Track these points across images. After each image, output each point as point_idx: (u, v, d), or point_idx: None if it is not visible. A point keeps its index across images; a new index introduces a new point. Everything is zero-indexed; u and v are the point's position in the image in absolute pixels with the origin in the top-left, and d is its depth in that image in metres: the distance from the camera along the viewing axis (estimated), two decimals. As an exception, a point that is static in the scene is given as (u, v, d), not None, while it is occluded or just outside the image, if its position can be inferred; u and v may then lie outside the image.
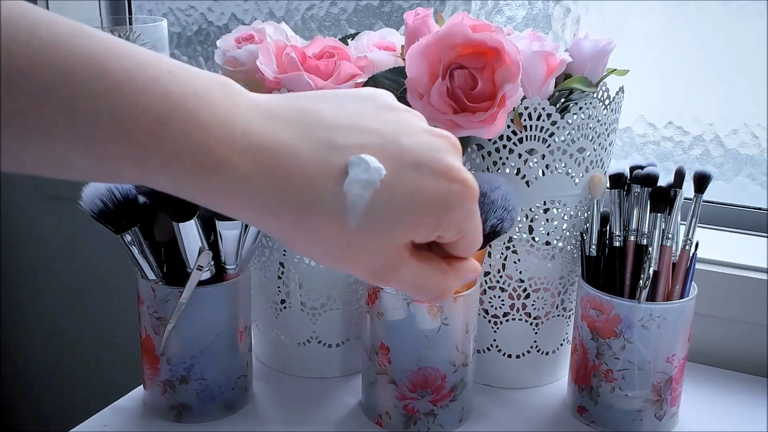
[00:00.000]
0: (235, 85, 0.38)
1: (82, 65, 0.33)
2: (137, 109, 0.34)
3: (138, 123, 0.34)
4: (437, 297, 0.42)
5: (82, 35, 0.34)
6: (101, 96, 0.33)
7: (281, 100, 0.39)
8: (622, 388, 0.71)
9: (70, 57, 0.33)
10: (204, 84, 0.36)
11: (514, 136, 0.72)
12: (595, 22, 0.98)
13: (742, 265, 0.85)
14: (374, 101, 0.40)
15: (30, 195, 1.29)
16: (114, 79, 0.33)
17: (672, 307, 0.70)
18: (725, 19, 0.92)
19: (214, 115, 0.35)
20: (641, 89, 0.89)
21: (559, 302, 0.79)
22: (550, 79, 0.70)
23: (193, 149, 0.35)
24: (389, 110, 0.40)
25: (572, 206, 0.75)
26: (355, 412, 0.76)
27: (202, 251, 0.69)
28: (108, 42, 0.35)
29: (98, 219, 0.68)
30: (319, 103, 0.39)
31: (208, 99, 0.36)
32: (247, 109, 0.37)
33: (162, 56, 0.36)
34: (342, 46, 0.74)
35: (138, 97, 0.34)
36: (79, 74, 0.33)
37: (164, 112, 0.34)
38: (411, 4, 1.06)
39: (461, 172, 0.39)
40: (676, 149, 0.97)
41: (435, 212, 0.38)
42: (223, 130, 0.35)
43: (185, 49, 1.23)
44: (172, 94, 0.35)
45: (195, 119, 0.35)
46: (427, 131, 0.40)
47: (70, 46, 0.33)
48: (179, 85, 0.35)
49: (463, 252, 0.42)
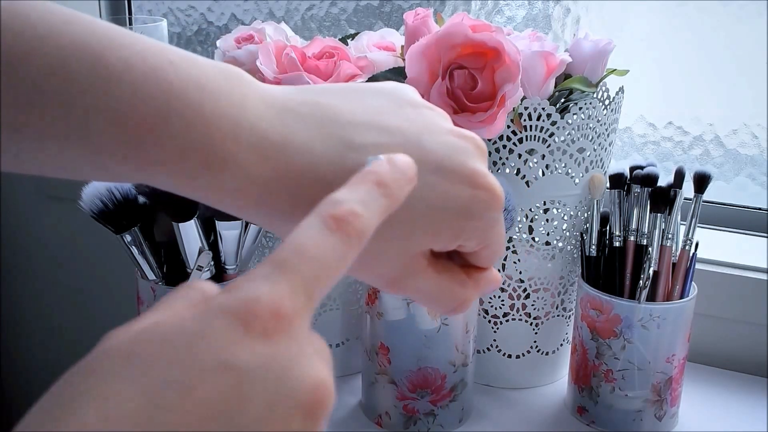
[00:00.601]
0: (244, 75, 0.35)
1: (77, 55, 0.31)
2: (135, 101, 0.32)
3: (135, 116, 0.32)
4: (455, 309, 0.38)
5: (79, 23, 0.32)
6: (96, 87, 0.31)
7: (295, 92, 0.36)
8: (622, 388, 0.71)
9: (65, 46, 0.31)
10: (209, 74, 0.34)
11: (514, 136, 0.72)
12: (595, 22, 0.98)
13: (742, 265, 0.85)
14: (396, 96, 0.37)
15: (30, 195, 1.29)
16: (110, 70, 0.31)
17: (672, 307, 0.70)
18: (725, 19, 0.92)
19: (219, 108, 0.33)
20: (641, 89, 0.89)
21: (559, 302, 0.79)
22: (550, 79, 0.70)
23: (195, 144, 0.33)
24: (412, 107, 0.37)
25: (572, 206, 0.75)
26: (355, 412, 0.76)
27: (202, 251, 0.69)
28: (107, 30, 0.33)
29: (98, 219, 0.68)
30: (335, 97, 0.36)
31: (213, 90, 0.33)
32: (256, 102, 0.34)
33: (166, 46, 0.34)
34: (342, 46, 0.74)
35: (136, 89, 0.32)
36: (74, 64, 0.31)
37: (164, 105, 0.32)
38: (411, 4, 1.06)
39: (486, 178, 0.36)
40: (676, 149, 0.97)
41: (456, 220, 0.35)
42: (229, 124, 0.33)
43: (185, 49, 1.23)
44: (173, 85, 0.32)
45: (197, 112, 0.32)
46: (452, 132, 0.37)
47: (65, 35, 0.31)
48: (181, 76, 0.33)
49: (484, 262, 0.39)
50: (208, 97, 0.33)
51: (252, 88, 0.35)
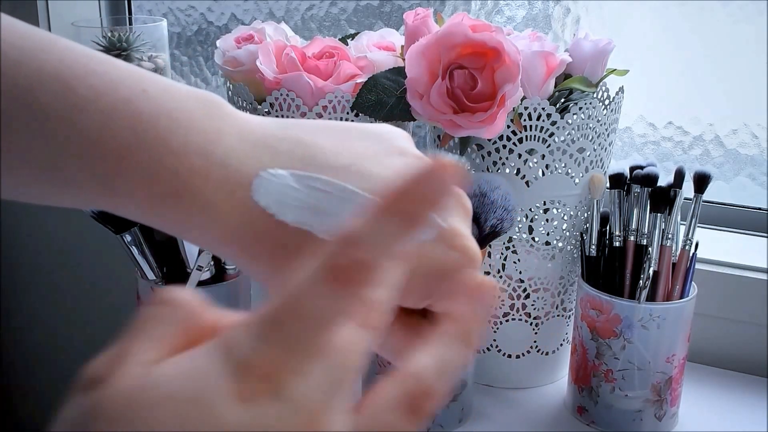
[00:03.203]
0: (224, 106, 0.34)
1: (46, 84, 0.30)
2: (103, 131, 0.31)
3: (103, 147, 0.31)
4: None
5: (52, 50, 0.31)
6: (63, 117, 0.30)
7: (277, 127, 0.34)
8: (622, 388, 0.71)
9: (33, 74, 0.30)
10: (184, 104, 0.32)
11: (514, 136, 0.72)
12: (595, 22, 0.98)
13: (742, 265, 0.85)
14: (386, 142, 0.35)
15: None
16: (79, 99, 0.31)
17: (672, 307, 0.70)
18: (725, 19, 0.92)
19: (189, 140, 0.31)
20: (641, 89, 0.89)
21: (559, 302, 0.79)
22: (550, 79, 0.70)
23: (162, 177, 0.31)
24: (399, 155, 0.35)
25: (572, 206, 0.75)
26: (355, 412, 0.76)
27: (202, 251, 0.69)
28: (80, 57, 0.31)
29: (98, 219, 0.68)
30: (321, 135, 0.34)
31: (185, 121, 0.32)
32: (232, 136, 0.32)
33: (146, 74, 0.33)
34: (342, 46, 0.74)
35: (105, 119, 0.31)
36: (42, 94, 0.30)
37: (131, 136, 0.31)
38: (411, 4, 1.06)
39: (464, 239, 0.34)
40: (676, 149, 0.97)
41: (426, 280, 0.33)
42: (198, 158, 0.31)
43: (185, 49, 1.23)
44: (143, 115, 0.31)
45: (165, 143, 0.31)
46: None
47: (36, 62, 0.30)
48: (153, 106, 0.31)
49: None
50: (178, 128, 0.32)
51: (229, 120, 0.33)
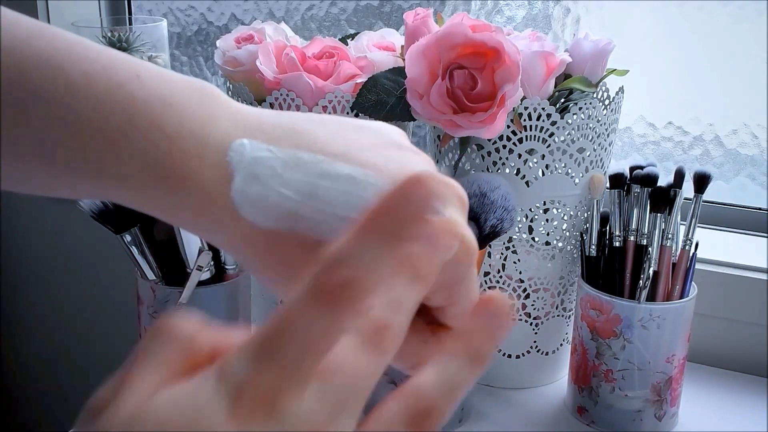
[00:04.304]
0: (216, 93, 0.34)
1: (38, 68, 0.30)
2: (96, 115, 0.31)
3: (95, 132, 0.31)
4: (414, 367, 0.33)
5: (43, 36, 0.31)
6: (56, 102, 0.30)
7: (271, 115, 0.34)
8: (622, 388, 0.71)
9: (26, 59, 0.30)
10: (177, 90, 0.32)
11: (514, 136, 0.72)
12: (595, 22, 0.98)
13: (742, 265, 0.85)
14: (382, 136, 0.35)
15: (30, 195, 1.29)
16: (71, 83, 0.31)
17: (672, 307, 0.70)
18: (725, 19, 0.92)
19: (183, 125, 0.32)
20: (641, 89, 0.89)
21: (559, 302, 0.79)
22: (550, 79, 0.70)
23: (155, 162, 0.31)
24: (396, 148, 0.35)
25: (572, 206, 0.75)
26: (355, 412, 0.76)
27: (202, 251, 0.69)
28: (72, 44, 0.32)
29: (98, 219, 0.68)
30: (314, 125, 0.34)
31: (179, 106, 0.32)
32: (225, 120, 0.33)
33: (137, 61, 0.33)
34: (342, 46, 0.74)
35: (98, 103, 0.31)
36: (35, 78, 0.30)
37: (125, 120, 0.31)
38: (411, 4, 1.06)
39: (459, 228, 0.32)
40: (676, 149, 0.97)
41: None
42: (192, 142, 0.32)
43: (185, 49, 1.23)
44: (136, 100, 0.31)
45: (159, 128, 0.31)
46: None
47: (28, 48, 0.31)
48: (146, 91, 0.31)
49: (450, 321, 0.35)
50: (172, 112, 0.32)
51: (223, 107, 0.33)
